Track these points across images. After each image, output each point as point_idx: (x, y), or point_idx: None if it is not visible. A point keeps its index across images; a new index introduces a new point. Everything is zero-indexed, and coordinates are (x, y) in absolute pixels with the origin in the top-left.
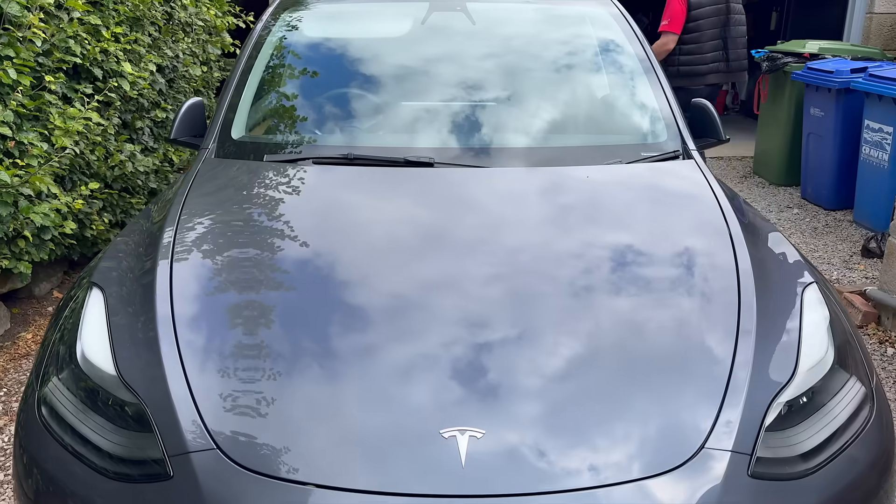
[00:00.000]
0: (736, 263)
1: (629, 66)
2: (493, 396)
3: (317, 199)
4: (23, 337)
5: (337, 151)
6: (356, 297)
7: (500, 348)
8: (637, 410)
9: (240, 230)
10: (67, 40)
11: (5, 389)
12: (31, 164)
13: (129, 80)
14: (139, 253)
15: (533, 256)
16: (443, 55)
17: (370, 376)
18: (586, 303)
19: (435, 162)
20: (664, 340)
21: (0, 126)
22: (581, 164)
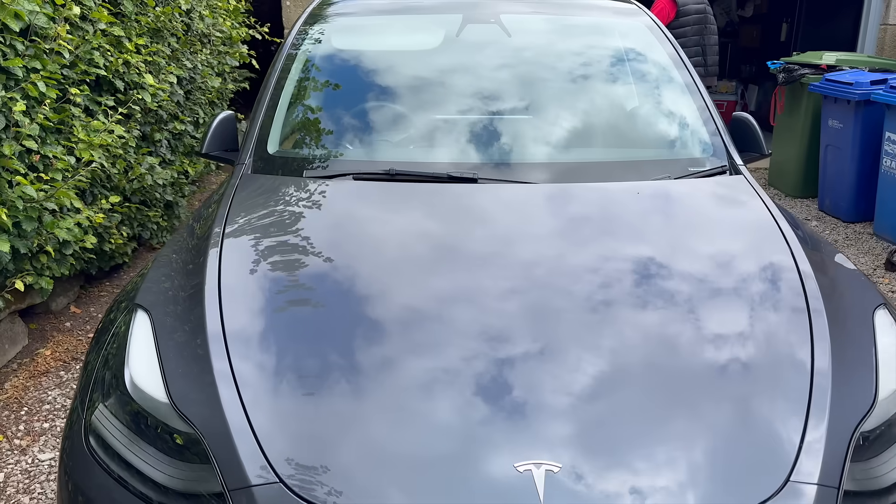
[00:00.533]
0: (802, 283)
1: (669, 78)
2: (577, 431)
3: (361, 215)
4: (41, 353)
5: (378, 167)
6: (414, 318)
7: (579, 375)
8: (717, 437)
9: (286, 248)
10: (92, 52)
11: (27, 409)
12: (56, 178)
13: (150, 91)
14: (183, 273)
15: (600, 274)
16: (481, 68)
17: (441, 402)
18: (660, 321)
19: (479, 178)
20: (737, 361)
21: (26, 140)
22: (628, 180)
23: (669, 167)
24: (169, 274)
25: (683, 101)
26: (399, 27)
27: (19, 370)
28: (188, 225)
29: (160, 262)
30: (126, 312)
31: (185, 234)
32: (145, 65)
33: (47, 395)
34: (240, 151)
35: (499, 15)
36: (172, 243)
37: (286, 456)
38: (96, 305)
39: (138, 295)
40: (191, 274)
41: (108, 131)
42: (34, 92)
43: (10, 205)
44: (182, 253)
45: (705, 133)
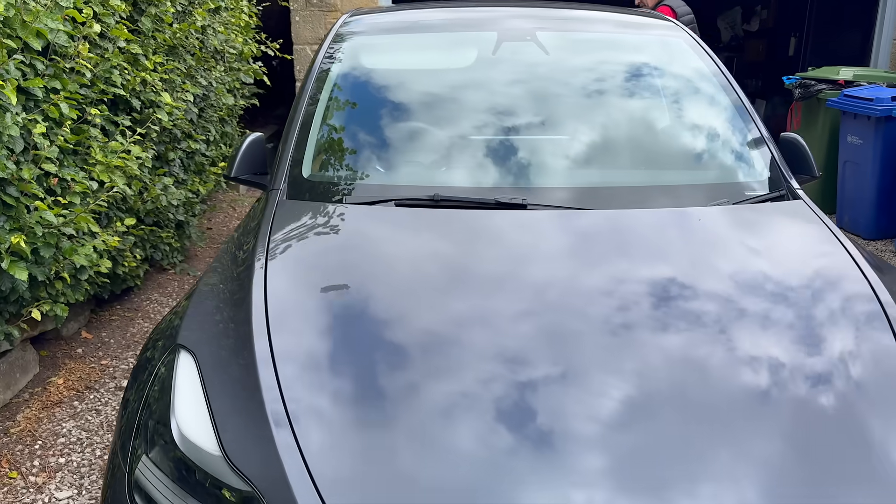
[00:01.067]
0: (886, 314)
1: (717, 98)
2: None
3: (409, 245)
4: (54, 382)
5: (421, 192)
6: (480, 354)
7: (658, 420)
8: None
9: (333, 281)
10: (111, 70)
11: (41, 442)
12: (74, 201)
13: (167, 110)
14: (226, 309)
15: (682, 307)
16: (521, 87)
17: (520, 447)
18: (746, 353)
19: (528, 203)
20: (829, 394)
21: (45, 162)
22: (685, 205)
23: (726, 192)
24: (210, 311)
25: (734, 122)
26: (431, 45)
27: (31, 400)
28: (224, 256)
29: (199, 297)
30: (167, 353)
31: (222, 266)
32: (162, 83)
33: (62, 427)
34: (272, 176)
35: (534, 32)
36: (209, 277)
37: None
38: (108, 330)
39: (180, 334)
40: (234, 311)
41: (125, 152)
42: (55, 113)
43: (29, 231)
44: (222, 288)
45: (758, 155)
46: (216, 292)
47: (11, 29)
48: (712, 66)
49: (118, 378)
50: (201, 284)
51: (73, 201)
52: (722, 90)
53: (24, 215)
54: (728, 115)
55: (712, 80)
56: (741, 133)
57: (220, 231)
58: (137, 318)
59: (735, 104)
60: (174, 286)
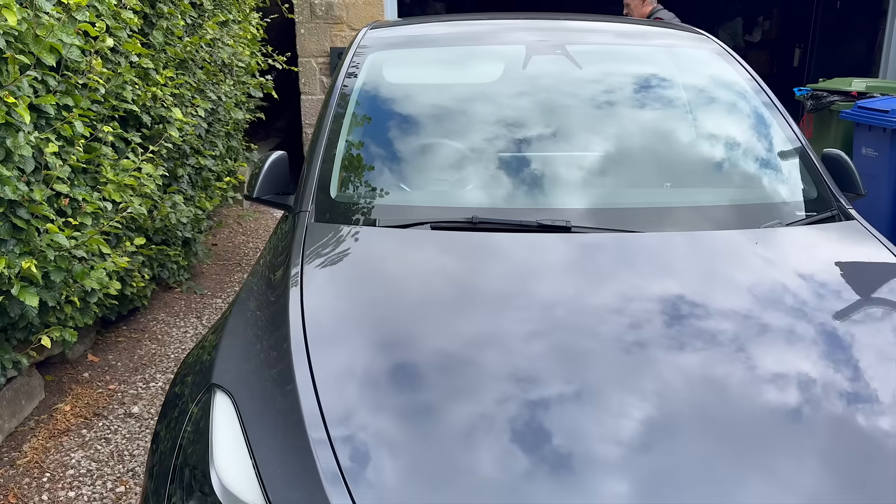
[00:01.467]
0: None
1: (757, 112)
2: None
3: (449, 271)
4: (60, 409)
5: (457, 214)
6: (531, 387)
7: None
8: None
9: (374, 311)
10: (124, 86)
11: (49, 475)
12: (85, 222)
13: (177, 126)
14: (262, 344)
15: (747, 338)
16: (556, 103)
17: (590, 484)
18: (829, 383)
19: (572, 226)
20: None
21: (56, 183)
22: (735, 227)
23: (777, 212)
24: (244, 346)
25: (778, 138)
26: (458, 59)
27: (38, 429)
28: (253, 285)
29: (231, 331)
30: (202, 392)
31: (252, 296)
32: (172, 98)
33: (70, 457)
34: (298, 197)
35: (563, 45)
36: (240, 308)
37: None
38: (114, 353)
39: (214, 373)
40: (271, 346)
41: (137, 170)
42: (69, 132)
43: (40, 255)
44: (255, 320)
45: (805, 172)
46: (248, 325)
47: (24, 44)
48: (750, 79)
49: (127, 404)
50: (232, 316)
51: (85, 222)
52: (762, 105)
53: (34, 238)
54: (772, 132)
55: (752, 94)
56: (786, 150)
57: (225, 247)
58: (144, 339)
59: (777, 119)
60: (181, 305)
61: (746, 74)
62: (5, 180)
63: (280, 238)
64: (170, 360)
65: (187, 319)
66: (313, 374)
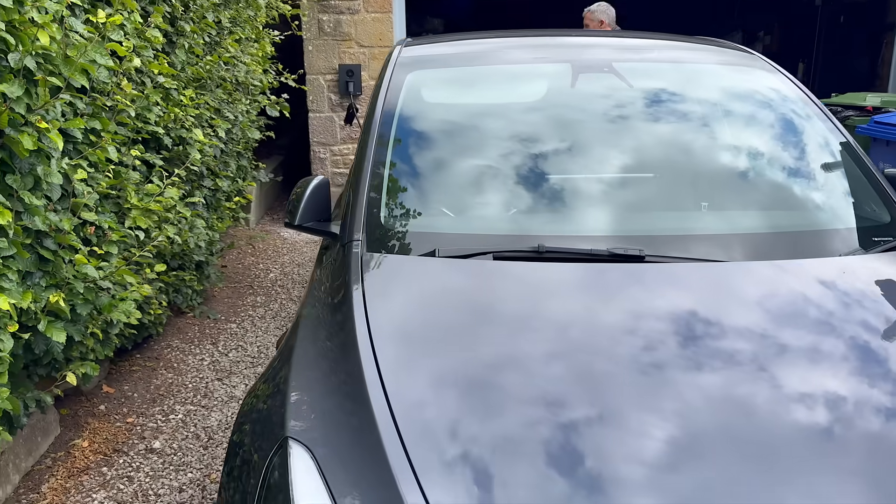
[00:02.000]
0: None
1: (820, 133)
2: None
3: (519, 305)
4: (78, 445)
5: (520, 243)
6: (626, 435)
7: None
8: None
9: (449, 351)
10: (150, 108)
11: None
12: (111, 251)
13: (198, 147)
14: (334, 392)
15: (856, 380)
16: (613, 123)
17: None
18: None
19: (646, 255)
20: None
21: (83, 210)
22: (819, 254)
23: (856, 238)
24: (313, 394)
25: (844, 159)
26: (502, 77)
27: (55, 467)
28: (309, 326)
29: (297, 378)
30: (275, 446)
31: (311, 341)
32: (193, 118)
33: (92, 498)
34: (346, 226)
35: (609, 63)
36: (302, 354)
37: None
38: (129, 383)
39: (288, 426)
40: (347, 394)
41: (160, 196)
42: (101, 157)
43: (66, 287)
44: (320, 366)
45: (874, 195)
46: (314, 371)
47: (53, 65)
48: (805, 97)
49: (147, 438)
50: (294, 363)
51: (111, 251)
52: (823, 124)
53: (62, 269)
54: (837, 152)
55: (811, 114)
56: (852, 172)
57: (235, 269)
58: (160, 368)
59: (839, 139)
60: (194, 331)
61: (800, 92)
62: (34, 210)
63: (332, 272)
64: (188, 390)
65: (202, 346)
66: (397, 425)
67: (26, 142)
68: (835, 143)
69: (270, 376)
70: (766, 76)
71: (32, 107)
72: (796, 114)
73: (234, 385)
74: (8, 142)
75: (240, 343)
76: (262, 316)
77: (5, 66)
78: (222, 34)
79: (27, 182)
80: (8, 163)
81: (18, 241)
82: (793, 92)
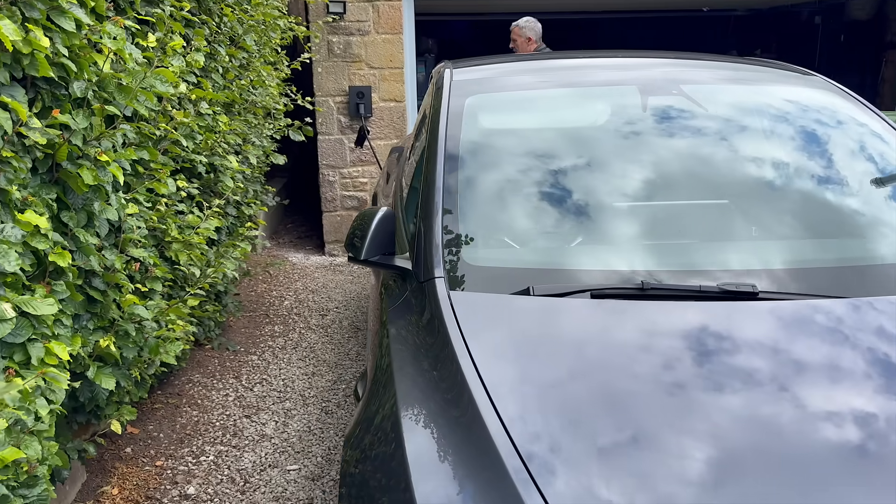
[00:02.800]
0: None
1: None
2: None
3: (629, 351)
4: (107, 493)
5: (620, 279)
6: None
7: None
8: None
9: (581, 410)
10: (194, 136)
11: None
12: (154, 287)
13: (230, 175)
14: (460, 454)
15: None
16: (699, 148)
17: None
18: None
19: (760, 292)
20: None
21: (129, 246)
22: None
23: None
24: (434, 456)
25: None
26: (567, 101)
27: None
28: (404, 378)
29: (413, 438)
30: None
31: (416, 398)
32: (227, 145)
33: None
34: (422, 261)
35: (678, 85)
36: (411, 415)
37: None
38: (154, 422)
39: (416, 489)
40: (484, 466)
41: (198, 228)
42: (158, 189)
43: (114, 330)
44: (434, 425)
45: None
46: (427, 426)
47: (108, 92)
48: (878, 119)
49: (180, 483)
50: (404, 420)
51: (154, 287)
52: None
53: (112, 311)
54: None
55: (889, 137)
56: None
57: (248, 297)
58: (183, 405)
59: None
60: (215, 364)
61: (873, 115)
62: (87, 248)
63: (416, 313)
64: (216, 429)
65: (225, 380)
66: (541, 491)
67: (86, 176)
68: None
69: (376, 435)
70: (834, 98)
71: (87, 137)
72: (878, 139)
73: (263, 422)
74: (64, 176)
75: (263, 376)
76: (282, 346)
77: (64, 95)
78: (251, 56)
79: (81, 219)
80: (62, 199)
81: (72, 282)
82: (866, 115)
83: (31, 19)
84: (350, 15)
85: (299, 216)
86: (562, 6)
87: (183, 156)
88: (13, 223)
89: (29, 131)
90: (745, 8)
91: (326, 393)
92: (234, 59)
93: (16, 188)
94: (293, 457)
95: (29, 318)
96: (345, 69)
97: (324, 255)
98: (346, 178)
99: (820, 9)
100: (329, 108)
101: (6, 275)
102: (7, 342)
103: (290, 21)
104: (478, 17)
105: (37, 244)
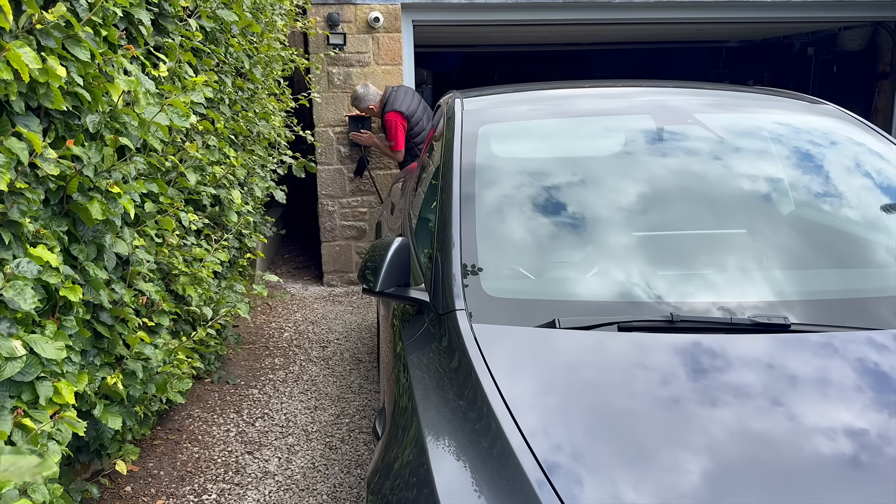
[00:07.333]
0: None
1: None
2: None
3: (660, 386)
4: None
5: (648, 311)
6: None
7: None
8: None
9: (622, 453)
10: (202, 167)
11: None
12: (161, 322)
13: (235, 209)
14: (496, 498)
15: None
16: (719, 177)
17: None
18: None
19: (792, 324)
20: None
21: (137, 280)
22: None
23: None
24: (471, 489)
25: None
26: (582, 130)
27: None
28: (429, 416)
29: (446, 482)
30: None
31: (445, 442)
32: (233, 177)
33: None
34: (441, 293)
35: (692, 114)
36: (441, 452)
37: None
38: (154, 459)
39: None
40: (512, 492)
41: (203, 261)
42: (170, 225)
43: (121, 367)
44: (465, 452)
45: None
46: (461, 468)
47: (119, 123)
48: (892, 146)
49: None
50: (434, 462)
51: (161, 322)
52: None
53: (119, 348)
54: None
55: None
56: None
57: (247, 329)
58: (183, 441)
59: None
60: (215, 398)
61: (889, 142)
62: (96, 283)
63: (438, 347)
64: (217, 466)
65: (226, 415)
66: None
67: (94, 210)
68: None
69: (402, 476)
70: (847, 125)
71: (98, 168)
72: (889, 162)
73: (266, 459)
74: (74, 208)
75: (265, 411)
76: (283, 380)
77: (77, 125)
78: (257, 88)
79: (91, 252)
80: (72, 231)
81: (80, 317)
82: (875, 139)
83: (46, 48)
84: (350, 46)
85: (296, 245)
86: (553, 38)
87: (189, 188)
88: (27, 257)
89: (43, 162)
90: (737, 39)
91: (330, 427)
92: (242, 91)
93: (28, 220)
94: (297, 494)
95: (38, 356)
96: (344, 100)
97: (322, 285)
98: (346, 207)
99: (812, 40)
100: (329, 138)
101: (17, 310)
102: (16, 381)
103: (291, 52)
104: (467, 49)
105: (48, 278)
